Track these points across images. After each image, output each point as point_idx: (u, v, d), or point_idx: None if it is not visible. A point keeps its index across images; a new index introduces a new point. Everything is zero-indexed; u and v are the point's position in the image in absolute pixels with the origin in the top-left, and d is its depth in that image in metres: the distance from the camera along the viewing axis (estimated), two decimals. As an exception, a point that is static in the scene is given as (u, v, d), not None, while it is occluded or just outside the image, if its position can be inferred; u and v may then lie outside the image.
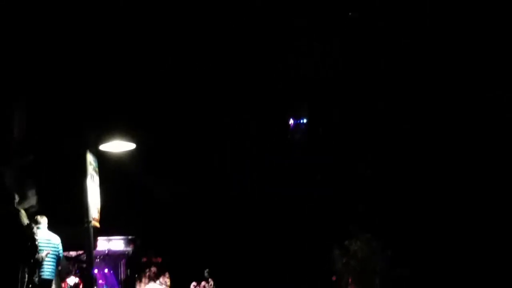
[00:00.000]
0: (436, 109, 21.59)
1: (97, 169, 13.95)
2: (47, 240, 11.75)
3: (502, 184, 20.26)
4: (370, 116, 22.76)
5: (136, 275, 25.27)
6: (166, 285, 25.37)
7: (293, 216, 22.99)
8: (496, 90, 20.29)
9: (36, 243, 10.52)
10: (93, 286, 15.35)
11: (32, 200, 13.08)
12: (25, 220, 10.29)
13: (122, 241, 25.90)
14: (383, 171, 21.94)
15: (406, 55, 21.47)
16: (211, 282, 24.24)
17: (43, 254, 11.40)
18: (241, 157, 23.08)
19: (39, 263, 11.28)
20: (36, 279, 11.22)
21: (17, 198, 10.34)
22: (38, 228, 11.37)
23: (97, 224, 13.62)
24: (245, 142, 23.13)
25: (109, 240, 25.26)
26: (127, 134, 13.72)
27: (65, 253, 15.09)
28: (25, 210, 10.93)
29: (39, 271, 11.41)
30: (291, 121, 25.73)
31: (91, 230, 13.21)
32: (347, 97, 23.14)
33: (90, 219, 13.12)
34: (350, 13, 22.11)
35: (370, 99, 22.69)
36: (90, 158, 13.42)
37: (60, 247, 12.18)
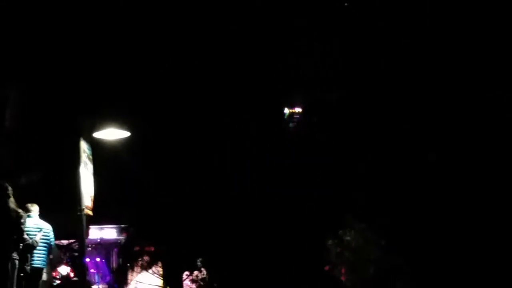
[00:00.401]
0: (436, 108, 21.54)
1: (91, 157, 13.82)
2: (38, 228, 11.58)
3: (500, 181, 20.27)
4: (370, 115, 22.70)
5: (128, 264, 25.18)
6: (159, 274, 25.31)
7: (292, 213, 22.93)
8: (496, 90, 20.23)
9: (23, 227, 10.33)
10: (84, 275, 15.27)
11: (31, 176, 12.97)
12: (13, 205, 10.11)
13: (114, 230, 25.88)
14: (381, 166, 21.89)
15: (406, 54, 21.40)
16: (204, 272, 24.20)
17: (36, 238, 11.25)
18: (241, 157, 22.99)
19: (31, 250, 11.14)
20: (28, 268, 11.08)
21: (9, 189, 10.14)
22: (29, 216, 11.18)
23: (90, 212, 13.51)
24: (245, 142, 23.04)
25: (102, 228, 25.24)
26: (122, 122, 13.58)
27: (57, 242, 14.88)
28: (17, 194, 10.72)
29: (31, 259, 11.29)
30: (286, 110, 25.68)
31: (84, 218, 13.10)
32: (347, 95, 23.07)
33: (83, 207, 13.01)
34: (346, 4, 22.03)
35: (370, 99, 22.63)
36: (83, 146, 13.29)
37: (52, 235, 11.92)
